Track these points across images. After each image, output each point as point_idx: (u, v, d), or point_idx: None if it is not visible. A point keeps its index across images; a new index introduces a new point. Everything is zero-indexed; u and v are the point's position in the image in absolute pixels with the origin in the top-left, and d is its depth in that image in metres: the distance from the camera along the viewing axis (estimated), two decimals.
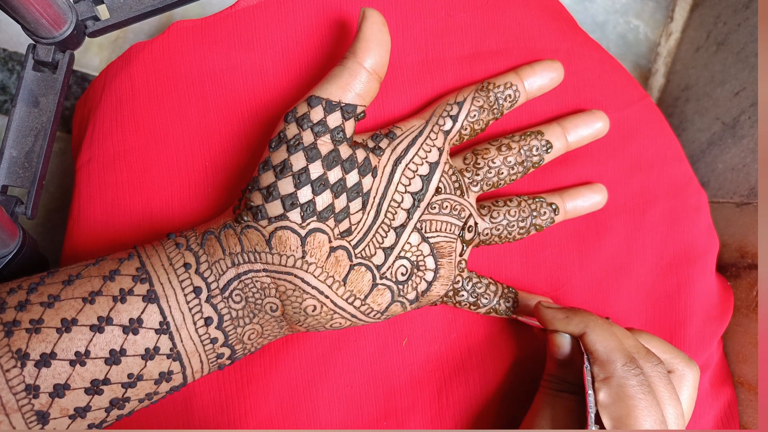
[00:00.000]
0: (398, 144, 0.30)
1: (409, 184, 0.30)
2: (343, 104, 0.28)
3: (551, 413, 0.29)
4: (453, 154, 0.35)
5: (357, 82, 0.28)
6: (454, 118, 0.32)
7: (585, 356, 0.29)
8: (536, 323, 0.33)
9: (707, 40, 0.57)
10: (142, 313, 0.25)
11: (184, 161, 0.34)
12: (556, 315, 0.31)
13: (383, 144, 0.30)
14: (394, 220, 0.30)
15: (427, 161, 0.31)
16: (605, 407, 0.27)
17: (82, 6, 0.36)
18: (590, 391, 0.28)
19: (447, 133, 0.32)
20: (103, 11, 0.37)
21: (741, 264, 0.41)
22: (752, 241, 0.40)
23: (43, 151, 0.35)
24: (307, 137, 0.27)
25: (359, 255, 0.28)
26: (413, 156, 0.30)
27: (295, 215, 0.27)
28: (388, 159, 0.30)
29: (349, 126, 0.28)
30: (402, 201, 0.30)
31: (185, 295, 0.26)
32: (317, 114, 0.27)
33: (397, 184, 0.30)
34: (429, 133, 0.31)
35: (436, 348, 0.34)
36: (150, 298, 0.26)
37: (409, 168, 0.30)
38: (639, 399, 0.26)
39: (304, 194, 0.27)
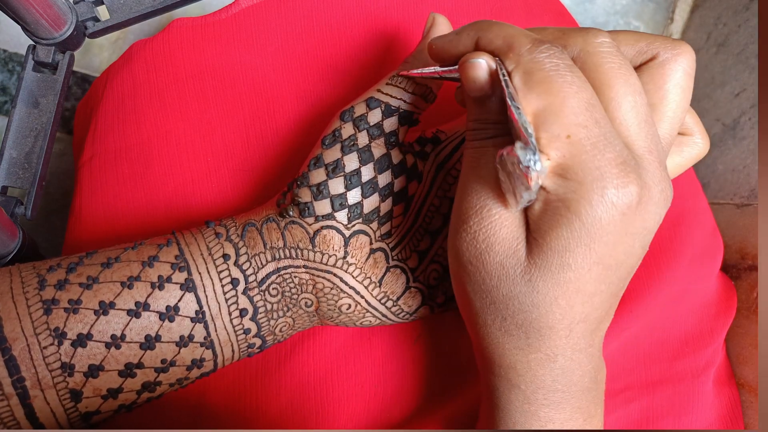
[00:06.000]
0: (442, 149, 0.30)
1: (449, 190, 0.30)
2: (401, 110, 0.27)
3: (480, 171, 0.22)
4: None
5: (418, 89, 0.28)
6: None
7: (497, 63, 0.21)
8: (430, 71, 0.25)
9: (707, 42, 0.57)
10: (179, 301, 0.26)
11: (186, 157, 0.34)
12: (445, 39, 0.24)
13: (428, 148, 0.30)
14: (430, 223, 0.29)
15: None
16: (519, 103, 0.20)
17: (82, 7, 0.36)
18: (509, 97, 0.20)
19: None
20: (103, 12, 0.37)
21: (741, 265, 0.41)
22: (752, 243, 0.40)
23: (42, 151, 0.35)
24: (362, 139, 0.27)
25: (396, 257, 0.28)
26: (456, 162, 0.30)
27: (342, 216, 0.26)
28: (432, 164, 0.30)
29: (403, 131, 0.28)
30: (440, 206, 0.30)
31: (222, 286, 0.26)
32: (375, 116, 0.27)
33: (438, 189, 0.30)
34: None
35: (448, 347, 0.34)
36: (188, 287, 0.26)
37: (450, 174, 0.30)
38: (554, 79, 0.19)
39: (354, 196, 0.26)
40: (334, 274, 0.27)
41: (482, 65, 0.21)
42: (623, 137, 0.20)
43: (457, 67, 0.23)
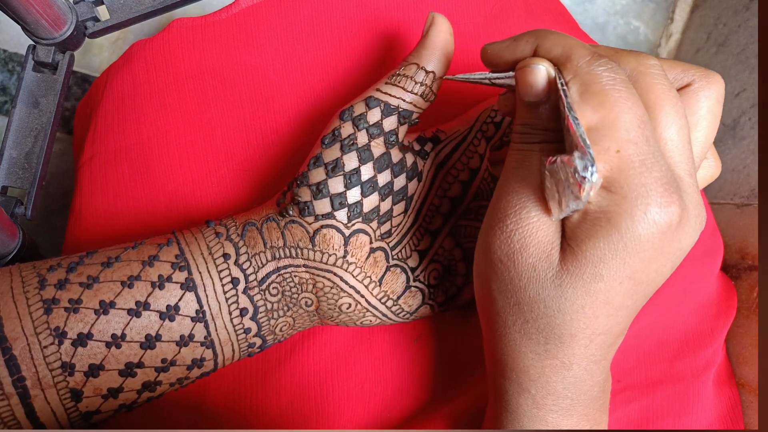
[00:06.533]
0: (442, 149, 0.30)
1: (449, 189, 0.30)
2: (401, 109, 0.27)
3: (523, 173, 0.22)
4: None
5: (417, 89, 0.28)
6: (498, 125, 0.31)
7: (556, 71, 0.22)
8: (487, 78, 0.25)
9: (707, 42, 0.57)
10: (179, 300, 0.26)
11: (186, 157, 0.34)
12: (502, 45, 0.24)
13: (428, 147, 0.30)
14: (430, 223, 0.30)
15: (468, 167, 0.30)
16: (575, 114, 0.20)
17: (82, 7, 0.36)
18: (567, 107, 0.20)
19: (489, 139, 0.31)
20: (103, 12, 0.37)
21: (741, 265, 0.41)
22: (752, 243, 0.40)
23: (42, 151, 0.35)
24: (362, 138, 0.27)
25: (396, 256, 0.29)
26: (455, 162, 0.30)
27: (341, 215, 0.27)
28: (432, 163, 0.30)
29: (402, 130, 0.28)
30: (440, 205, 0.30)
31: (223, 286, 0.26)
32: (374, 116, 0.27)
33: (438, 188, 0.30)
34: (472, 139, 0.31)
35: (448, 347, 0.34)
36: (188, 286, 0.26)
37: (450, 173, 0.30)
38: (611, 94, 0.20)
39: (353, 195, 0.27)
40: (334, 273, 0.27)
41: (542, 71, 0.22)
42: (667, 158, 0.21)
43: (510, 73, 0.24)
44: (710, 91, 0.23)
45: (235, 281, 0.26)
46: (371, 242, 0.27)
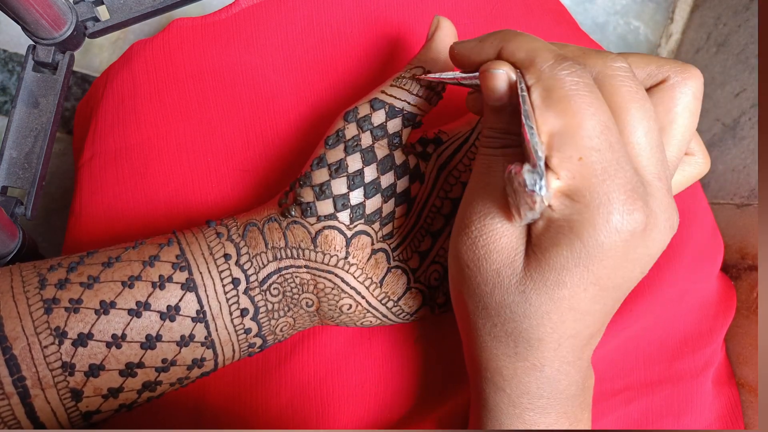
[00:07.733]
0: (443, 150, 0.30)
1: (450, 191, 0.30)
2: (405, 112, 0.28)
3: (488, 179, 0.22)
4: None
5: (422, 92, 0.28)
6: None
7: (518, 75, 0.21)
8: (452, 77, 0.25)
9: (707, 42, 0.57)
10: (180, 300, 0.26)
11: (186, 157, 0.34)
12: (468, 45, 0.23)
13: (430, 149, 0.30)
14: (432, 224, 0.30)
15: (470, 169, 0.30)
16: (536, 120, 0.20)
17: (82, 7, 0.36)
18: (524, 114, 0.19)
19: None
20: (103, 12, 0.37)
21: (741, 265, 0.41)
22: (752, 243, 0.40)
23: (42, 151, 0.35)
24: (366, 139, 0.27)
25: (397, 258, 0.29)
26: (457, 163, 0.30)
27: (344, 216, 0.27)
28: (434, 165, 0.30)
29: (406, 132, 0.28)
30: (441, 206, 0.30)
31: (223, 286, 0.26)
32: (379, 117, 0.27)
33: (439, 190, 0.30)
34: (474, 141, 0.31)
35: (447, 347, 0.34)
36: (189, 286, 0.26)
37: (452, 174, 0.30)
38: (573, 99, 0.19)
39: (356, 196, 0.27)
40: (336, 275, 0.27)
41: (502, 76, 0.21)
42: (634, 162, 0.21)
43: (477, 74, 0.23)
44: (686, 87, 0.23)
45: (235, 281, 0.26)
46: (373, 243, 0.27)
